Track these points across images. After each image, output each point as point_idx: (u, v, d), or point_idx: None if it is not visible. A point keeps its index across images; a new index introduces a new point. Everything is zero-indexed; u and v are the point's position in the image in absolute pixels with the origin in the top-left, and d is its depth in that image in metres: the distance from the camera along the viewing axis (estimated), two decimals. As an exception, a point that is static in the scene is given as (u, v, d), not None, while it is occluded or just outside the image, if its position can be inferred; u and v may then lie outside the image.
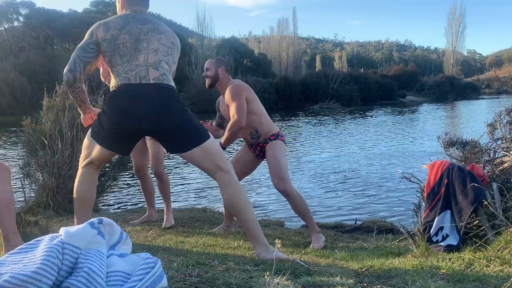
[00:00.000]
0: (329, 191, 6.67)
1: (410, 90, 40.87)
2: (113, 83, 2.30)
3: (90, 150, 2.38)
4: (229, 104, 3.16)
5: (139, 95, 2.21)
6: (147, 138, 3.59)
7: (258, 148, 3.33)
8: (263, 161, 3.48)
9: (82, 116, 2.58)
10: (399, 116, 22.77)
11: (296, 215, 3.36)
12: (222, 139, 3.16)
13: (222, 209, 5.21)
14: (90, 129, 2.42)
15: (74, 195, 2.42)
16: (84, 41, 2.32)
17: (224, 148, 3.06)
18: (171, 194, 3.99)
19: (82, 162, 2.42)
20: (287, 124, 18.06)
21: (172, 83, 2.32)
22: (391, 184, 6.87)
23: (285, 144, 3.35)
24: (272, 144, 3.26)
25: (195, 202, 6.10)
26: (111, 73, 2.34)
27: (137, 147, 3.42)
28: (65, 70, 2.30)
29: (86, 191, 2.40)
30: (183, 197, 6.47)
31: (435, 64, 69.62)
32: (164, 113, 2.21)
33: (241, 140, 3.51)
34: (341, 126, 17.46)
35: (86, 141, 2.42)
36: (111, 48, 2.27)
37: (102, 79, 3.07)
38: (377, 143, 12.16)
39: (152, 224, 3.81)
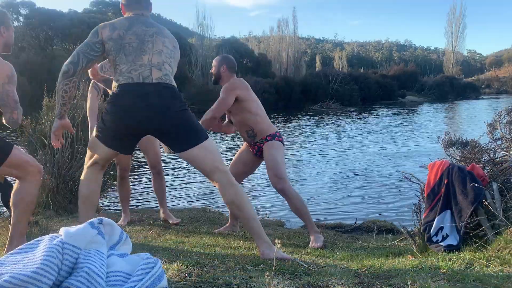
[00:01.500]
0: (329, 191, 6.67)
1: (410, 90, 40.86)
2: (116, 82, 2.32)
3: (94, 150, 2.40)
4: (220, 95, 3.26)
5: (141, 94, 2.23)
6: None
7: (256, 148, 3.36)
8: (263, 162, 3.49)
9: (56, 123, 2.43)
10: (399, 116, 22.77)
11: (295, 215, 3.37)
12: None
13: (222, 209, 5.22)
14: (95, 129, 2.43)
15: (79, 194, 2.45)
16: (89, 39, 2.35)
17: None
18: (172, 193, 4.00)
19: (87, 162, 2.45)
20: (287, 125, 18.06)
21: (174, 83, 2.35)
22: (391, 184, 6.87)
23: (284, 145, 3.36)
24: (269, 144, 3.28)
25: (195, 202, 6.10)
26: (114, 72, 2.34)
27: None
28: (66, 62, 2.30)
29: (90, 191, 2.43)
30: (184, 197, 6.47)
31: (435, 64, 69.58)
32: (164, 112, 2.24)
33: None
34: (341, 127, 17.46)
35: (90, 141, 2.45)
36: (116, 47, 2.30)
37: (91, 76, 3.06)
38: (376, 143, 12.16)
39: (152, 224, 3.82)
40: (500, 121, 3.03)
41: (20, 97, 2.43)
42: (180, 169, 8.72)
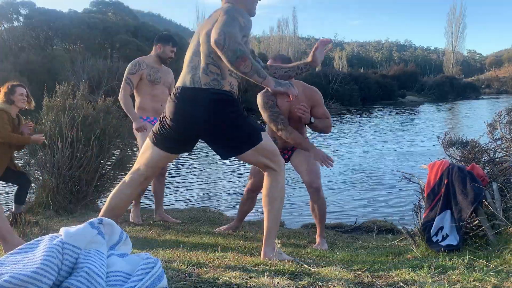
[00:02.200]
0: (329, 191, 6.67)
1: (410, 90, 40.87)
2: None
3: (144, 152, 2.36)
4: (320, 105, 3.40)
5: (190, 99, 2.20)
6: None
7: (289, 152, 3.37)
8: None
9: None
10: (399, 116, 22.77)
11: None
12: (316, 123, 3.25)
13: (221, 209, 5.22)
14: (150, 133, 2.39)
15: (108, 198, 2.40)
16: None
17: (309, 123, 3.24)
18: (172, 194, 4.02)
19: (133, 167, 2.40)
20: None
21: (226, 87, 2.22)
22: (391, 184, 6.87)
23: None
24: None
25: (195, 202, 6.10)
26: None
27: None
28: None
29: (117, 204, 2.37)
30: (184, 197, 6.47)
31: (435, 64, 69.63)
32: (212, 118, 2.19)
33: None
34: (340, 127, 17.46)
35: (144, 145, 2.40)
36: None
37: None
38: (376, 143, 12.17)
39: (152, 224, 3.82)
40: (500, 121, 3.03)
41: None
42: (181, 170, 8.72)
